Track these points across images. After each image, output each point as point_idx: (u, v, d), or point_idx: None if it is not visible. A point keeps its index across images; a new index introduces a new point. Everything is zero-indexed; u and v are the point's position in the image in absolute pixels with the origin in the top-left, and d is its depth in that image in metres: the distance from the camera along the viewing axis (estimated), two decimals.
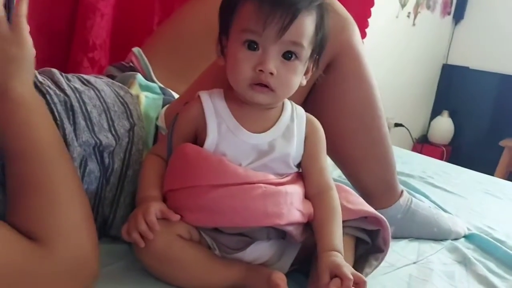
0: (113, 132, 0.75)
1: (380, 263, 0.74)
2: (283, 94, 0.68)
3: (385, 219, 0.72)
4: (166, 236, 0.63)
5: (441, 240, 0.96)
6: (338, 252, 0.63)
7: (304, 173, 0.72)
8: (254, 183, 0.65)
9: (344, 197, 0.72)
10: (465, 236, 1.00)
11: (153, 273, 0.66)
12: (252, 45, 0.64)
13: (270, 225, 0.65)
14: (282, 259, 0.69)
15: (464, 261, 0.88)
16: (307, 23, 0.65)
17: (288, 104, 0.73)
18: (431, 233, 0.97)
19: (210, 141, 0.67)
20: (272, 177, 0.68)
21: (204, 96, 0.71)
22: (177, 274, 0.65)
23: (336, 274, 0.59)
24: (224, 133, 0.68)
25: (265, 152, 0.68)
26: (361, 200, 0.75)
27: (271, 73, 0.64)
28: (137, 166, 0.77)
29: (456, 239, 0.98)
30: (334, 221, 0.67)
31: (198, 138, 0.70)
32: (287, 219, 0.64)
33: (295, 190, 0.68)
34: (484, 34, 3.02)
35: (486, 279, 0.82)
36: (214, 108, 0.69)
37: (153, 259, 0.64)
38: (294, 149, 0.70)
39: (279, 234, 0.67)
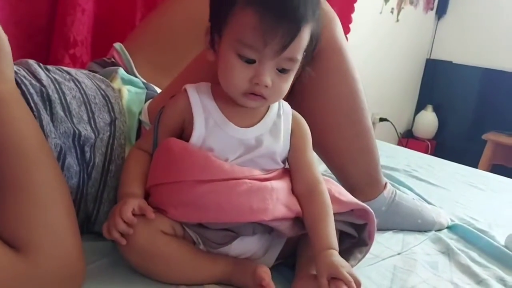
0: (93, 125, 0.74)
1: (364, 256, 0.74)
2: (275, 100, 0.70)
3: (373, 212, 0.72)
4: (149, 232, 0.62)
5: (425, 231, 0.97)
6: (334, 250, 0.63)
7: (291, 168, 0.72)
8: (239, 179, 0.65)
9: (336, 190, 0.73)
10: (449, 227, 1.02)
11: (138, 270, 0.66)
12: (249, 61, 0.63)
13: (255, 221, 0.65)
14: (267, 253, 0.70)
15: (448, 251, 0.89)
16: (305, 37, 0.64)
17: None
18: (415, 224, 0.98)
19: (197, 135, 0.67)
20: (258, 173, 0.68)
21: (191, 90, 0.70)
22: (161, 270, 0.65)
23: (336, 276, 0.59)
24: (212, 128, 0.67)
25: (252, 147, 0.68)
26: (349, 194, 0.75)
27: (266, 86, 0.64)
28: (119, 161, 0.76)
29: (439, 230, 1.00)
30: (328, 218, 0.67)
31: (185, 131, 0.70)
32: (272, 214, 0.64)
33: (282, 186, 0.68)
34: (467, 29, 3.05)
35: (468, 268, 0.83)
36: (201, 102, 0.69)
37: (136, 255, 0.63)
38: (281, 145, 0.70)
39: (265, 229, 0.67)
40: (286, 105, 0.74)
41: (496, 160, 2.71)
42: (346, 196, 0.73)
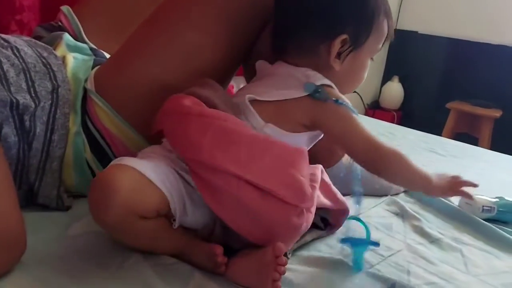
0: (33, 93, 0.71)
1: (320, 236, 0.75)
2: None
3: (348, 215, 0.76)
4: (122, 214, 0.57)
5: (382, 195, 0.98)
6: None
7: None
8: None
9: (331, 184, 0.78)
10: (405, 191, 1.03)
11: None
12: None
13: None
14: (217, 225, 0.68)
15: (402, 213, 0.90)
16: None
17: None
18: (373, 189, 0.98)
19: None
20: None
21: None
22: (131, 242, 0.63)
23: None
24: None
25: None
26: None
27: None
28: (63, 130, 0.73)
29: (396, 194, 1.00)
30: None
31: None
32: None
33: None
34: None
35: (422, 229, 0.84)
36: None
37: (109, 229, 0.61)
38: None
39: None
40: None
41: (460, 128, 2.77)
42: (338, 193, 0.78)
